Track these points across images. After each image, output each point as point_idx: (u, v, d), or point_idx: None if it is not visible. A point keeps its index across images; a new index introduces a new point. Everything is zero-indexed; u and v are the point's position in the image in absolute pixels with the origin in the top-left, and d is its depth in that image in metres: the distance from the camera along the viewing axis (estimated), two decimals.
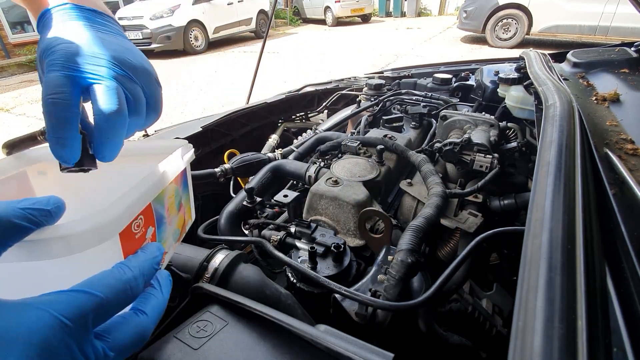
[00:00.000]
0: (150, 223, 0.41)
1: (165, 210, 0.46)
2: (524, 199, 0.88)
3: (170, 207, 0.47)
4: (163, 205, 0.45)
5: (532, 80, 1.02)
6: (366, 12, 13.74)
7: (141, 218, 0.39)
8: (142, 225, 0.39)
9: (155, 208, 0.42)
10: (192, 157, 0.53)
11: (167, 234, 0.47)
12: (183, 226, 0.54)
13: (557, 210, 0.45)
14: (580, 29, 6.63)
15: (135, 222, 0.38)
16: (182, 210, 0.52)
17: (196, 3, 8.79)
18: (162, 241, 0.45)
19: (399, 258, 0.62)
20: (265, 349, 0.45)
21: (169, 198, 0.47)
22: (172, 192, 0.47)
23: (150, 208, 0.41)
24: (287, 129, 1.83)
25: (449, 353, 0.64)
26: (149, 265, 0.34)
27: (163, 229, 0.45)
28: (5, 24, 8.35)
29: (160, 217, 0.44)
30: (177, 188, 0.50)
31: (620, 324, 0.37)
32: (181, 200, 0.51)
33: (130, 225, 0.36)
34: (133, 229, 0.37)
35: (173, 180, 0.47)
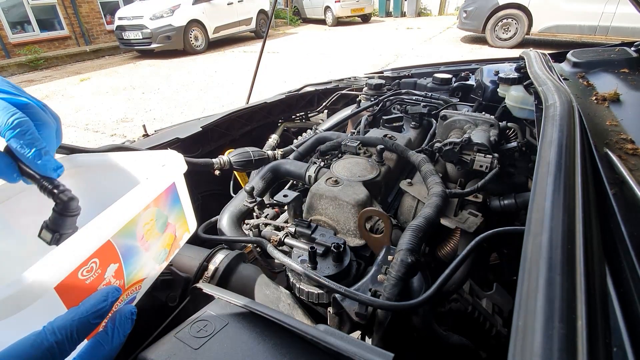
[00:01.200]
0: (111, 261, 0.41)
1: (138, 239, 0.45)
2: (524, 199, 0.88)
3: (147, 232, 0.46)
4: (134, 235, 0.44)
5: (532, 80, 1.02)
6: (366, 12, 13.74)
7: (94, 261, 0.38)
8: (96, 268, 0.38)
9: (119, 243, 0.42)
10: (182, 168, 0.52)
11: (143, 262, 0.46)
12: (174, 243, 0.53)
13: (557, 210, 0.45)
14: (580, 29, 6.63)
15: (85, 268, 0.37)
16: (169, 229, 0.51)
17: (196, 3, 8.79)
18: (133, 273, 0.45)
19: (399, 258, 0.62)
20: (265, 348, 0.45)
21: (144, 225, 0.46)
22: (149, 216, 0.47)
23: (111, 245, 0.40)
24: (287, 129, 1.83)
25: (449, 353, 0.64)
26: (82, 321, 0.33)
27: (135, 259, 0.45)
28: (5, 24, 8.35)
29: (128, 248, 0.43)
30: (159, 209, 0.49)
31: (620, 323, 0.37)
32: (167, 219, 0.50)
33: (74, 274, 0.36)
34: (80, 275, 0.37)
35: (152, 203, 0.46)
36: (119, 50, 9.64)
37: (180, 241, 0.55)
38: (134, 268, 0.45)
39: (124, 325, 0.38)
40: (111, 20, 9.84)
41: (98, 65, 8.43)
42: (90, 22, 10.02)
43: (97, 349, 0.35)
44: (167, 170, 0.49)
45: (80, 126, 4.62)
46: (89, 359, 0.34)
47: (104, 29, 10.34)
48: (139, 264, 0.46)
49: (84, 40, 9.92)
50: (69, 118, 4.95)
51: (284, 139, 1.77)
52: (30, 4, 8.77)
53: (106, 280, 0.40)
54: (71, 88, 6.50)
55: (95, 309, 0.35)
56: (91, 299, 0.36)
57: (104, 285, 0.40)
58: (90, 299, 0.36)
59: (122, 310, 0.39)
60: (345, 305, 0.60)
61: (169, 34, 8.36)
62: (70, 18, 9.51)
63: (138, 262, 0.45)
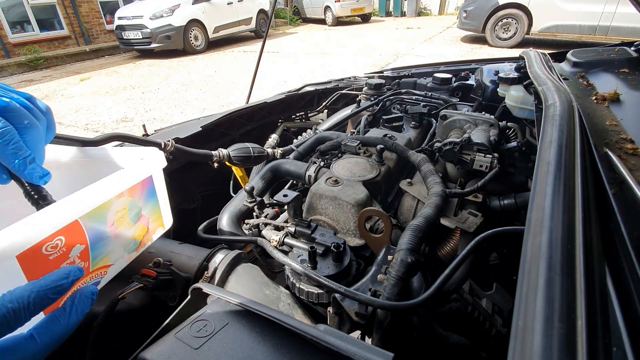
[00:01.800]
0: (77, 241, 0.42)
1: (108, 224, 0.46)
2: (523, 199, 0.88)
3: (119, 220, 0.48)
4: (104, 220, 0.45)
5: (532, 80, 1.02)
6: (366, 12, 13.74)
7: (60, 238, 0.39)
8: (61, 246, 0.40)
9: (88, 225, 0.43)
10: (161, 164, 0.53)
11: (111, 248, 0.47)
12: (146, 235, 0.54)
13: (557, 210, 0.45)
14: (580, 28, 6.63)
15: (50, 243, 0.38)
16: (142, 221, 0.52)
17: (196, 3, 8.79)
18: (100, 257, 0.46)
19: (399, 258, 0.62)
20: (265, 348, 0.45)
21: (116, 212, 0.47)
22: (122, 205, 0.48)
23: (78, 225, 0.42)
24: (287, 129, 1.83)
25: (448, 353, 0.64)
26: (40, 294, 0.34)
27: (103, 244, 0.46)
28: (5, 24, 8.35)
29: (97, 232, 0.44)
30: (133, 200, 0.50)
31: (620, 323, 0.37)
32: (141, 211, 0.52)
33: (38, 248, 0.37)
34: (44, 250, 0.38)
35: (126, 193, 0.48)
36: (118, 50, 9.64)
37: (154, 235, 0.56)
38: (101, 252, 0.46)
39: (82, 304, 0.39)
40: (111, 20, 9.83)
41: (98, 65, 8.43)
42: (90, 21, 10.02)
43: (53, 324, 0.36)
44: (145, 163, 0.51)
45: (80, 126, 4.62)
46: (44, 331, 0.35)
47: (104, 29, 10.33)
48: (107, 249, 0.47)
49: (84, 40, 9.92)
50: (68, 118, 4.95)
51: (284, 139, 1.77)
52: (30, 3, 8.76)
53: (70, 259, 0.41)
54: (71, 88, 6.50)
55: (54, 285, 0.36)
56: (52, 275, 0.37)
57: (68, 264, 0.41)
58: (51, 275, 0.37)
59: (83, 290, 0.40)
60: (345, 305, 0.60)
61: (168, 33, 8.36)
62: (70, 18, 9.51)
63: (106, 247, 0.46)
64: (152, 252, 0.67)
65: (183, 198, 1.38)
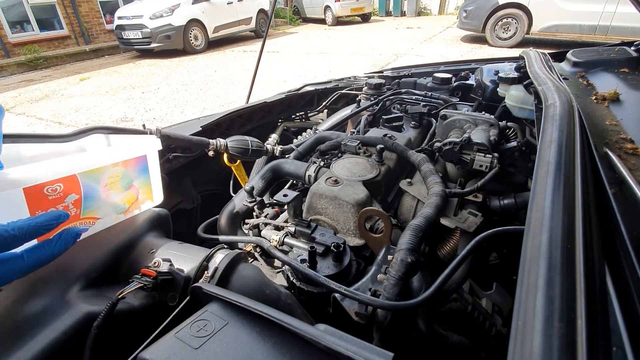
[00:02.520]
0: (72, 191, 0.53)
1: (101, 185, 0.57)
2: (523, 199, 0.88)
3: (111, 184, 0.59)
4: (98, 181, 0.56)
5: (532, 80, 1.02)
6: (366, 12, 13.74)
7: (59, 185, 0.50)
8: (60, 191, 0.51)
9: (84, 181, 0.54)
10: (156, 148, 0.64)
11: (100, 204, 0.59)
12: (134, 203, 0.65)
13: (557, 209, 0.45)
14: (580, 28, 6.63)
15: (50, 187, 0.49)
16: (132, 190, 0.63)
17: (196, 2, 8.78)
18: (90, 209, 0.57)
19: (399, 257, 0.62)
20: (265, 348, 0.45)
21: (109, 177, 0.58)
22: (116, 173, 0.59)
23: (75, 179, 0.52)
24: (286, 129, 1.83)
25: (448, 352, 0.64)
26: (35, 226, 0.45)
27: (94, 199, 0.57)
28: (4, 23, 8.34)
29: (90, 189, 0.55)
30: (126, 171, 0.61)
31: (620, 323, 0.37)
32: (132, 182, 0.63)
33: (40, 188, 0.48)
34: (46, 191, 0.49)
35: (120, 164, 0.59)
36: (118, 50, 9.64)
37: (142, 205, 0.67)
38: (91, 205, 0.57)
39: (66, 240, 0.49)
40: (111, 20, 9.83)
41: (98, 65, 8.43)
42: (89, 21, 10.02)
43: (40, 250, 0.47)
44: (140, 144, 0.62)
45: (80, 126, 4.62)
46: (32, 254, 0.46)
47: (104, 29, 10.33)
48: (97, 204, 0.57)
49: (84, 40, 9.92)
50: (68, 118, 4.94)
51: (284, 139, 1.77)
52: (29, 3, 8.76)
53: (65, 203, 0.52)
54: (71, 88, 6.50)
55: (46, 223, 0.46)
56: (46, 215, 0.47)
57: (62, 207, 0.52)
58: (46, 214, 0.47)
59: (70, 230, 0.50)
60: (345, 305, 0.60)
61: (168, 33, 8.35)
62: (69, 17, 9.50)
63: (96, 203, 0.57)
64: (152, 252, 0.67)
65: (183, 198, 1.38)
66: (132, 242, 0.68)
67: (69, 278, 0.59)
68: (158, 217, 0.76)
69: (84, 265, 0.61)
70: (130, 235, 0.69)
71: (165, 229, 0.78)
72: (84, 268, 0.61)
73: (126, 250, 0.67)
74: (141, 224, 0.72)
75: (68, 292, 0.57)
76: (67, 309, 0.54)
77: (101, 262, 0.63)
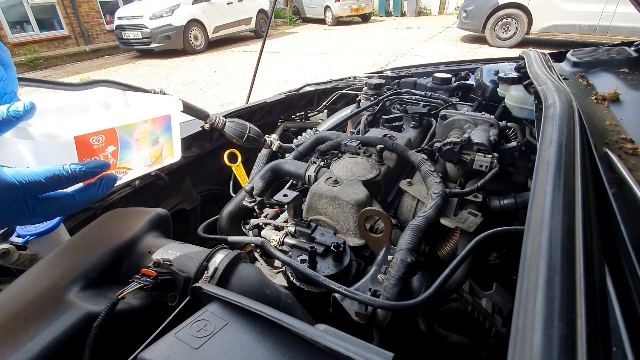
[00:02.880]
0: (111, 142, 0.59)
1: (133, 139, 0.64)
2: (523, 199, 0.88)
3: (141, 139, 0.65)
4: (132, 135, 0.63)
5: (532, 80, 1.02)
6: (366, 12, 13.73)
7: (102, 136, 0.57)
8: (102, 141, 0.57)
9: (120, 134, 0.60)
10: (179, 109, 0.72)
11: (132, 156, 0.65)
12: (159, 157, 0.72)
13: (557, 209, 0.45)
14: (580, 28, 6.63)
15: (95, 137, 0.56)
16: (157, 146, 0.70)
17: (196, 2, 8.78)
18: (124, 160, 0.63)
19: (399, 257, 0.62)
20: (265, 348, 0.45)
21: (140, 132, 0.64)
22: (146, 129, 0.66)
23: (114, 132, 0.59)
24: (286, 129, 1.83)
25: (448, 352, 0.64)
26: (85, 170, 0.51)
27: (128, 151, 0.63)
28: (4, 24, 8.34)
29: (125, 142, 0.62)
30: (153, 128, 0.67)
31: (620, 323, 0.37)
32: (158, 138, 0.70)
33: (87, 137, 0.55)
34: (91, 141, 0.56)
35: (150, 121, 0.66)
36: (118, 50, 9.63)
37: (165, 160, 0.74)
38: (125, 156, 0.63)
39: (107, 184, 0.56)
40: (111, 20, 9.83)
41: (98, 65, 8.43)
42: (89, 21, 10.01)
43: (87, 191, 0.53)
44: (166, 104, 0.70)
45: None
46: (81, 194, 0.52)
47: (104, 29, 10.32)
48: (130, 156, 0.64)
49: (84, 40, 9.92)
50: None
51: (284, 139, 1.77)
52: (29, 3, 8.76)
53: (105, 153, 0.59)
54: None
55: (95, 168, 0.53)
56: (93, 162, 0.54)
57: (103, 156, 0.58)
58: (93, 162, 0.54)
59: (109, 175, 0.57)
60: (345, 305, 0.60)
61: (168, 33, 8.35)
62: (69, 18, 9.50)
63: (129, 154, 0.64)
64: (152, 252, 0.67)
65: (183, 198, 1.38)
66: (132, 242, 0.68)
67: (69, 278, 0.59)
68: (158, 217, 0.76)
69: (84, 265, 0.61)
70: (130, 235, 0.69)
71: (165, 229, 0.78)
72: (84, 268, 0.61)
73: (126, 250, 0.67)
74: (141, 224, 0.72)
75: (68, 292, 0.57)
76: (67, 309, 0.54)
77: (101, 262, 0.63)
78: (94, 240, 0.66)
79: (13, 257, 0.80)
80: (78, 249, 0.65)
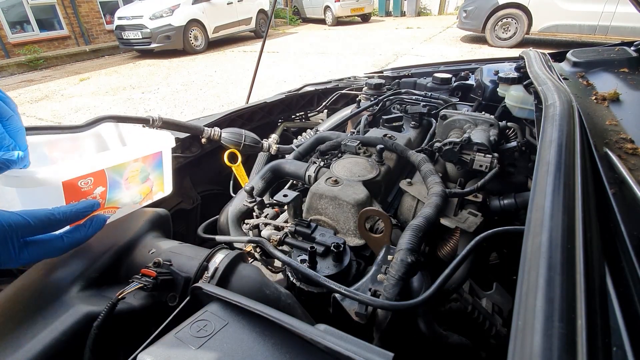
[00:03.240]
0: (100, 184, 0.60)
1: (123, 179, 0.64)
2: (523, 199, 0.88)
3: (131, 177, 0.66)
4: (122, 174, 0.63)
5: (532, 80, 1.02)
6: (366, 12, 13.74)
7: (90, 178, 0.58)
8: (90, 184, 0.58)
9: (110, 175, 0.61)
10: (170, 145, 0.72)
11: (122, 195, 0.66)
12: (148, 194, 0.72)
13: (557, 209, 0.45)
14: (580, 28, 6.63)
15: (84, 180, 0.57)
16: (148, 183, 0.71)
17: (196, 3, 8.78)
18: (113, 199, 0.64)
19: (399, 257, 0.62)
20: (265, 348, 0.45)
21: (131, 171, 0.65)
22: (136, 167, 0.66)
23: (103, 173, 0.60)
24: (286, 129, 1.83)
25: (448, 353, 0.64)
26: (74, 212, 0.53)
27: (117, 191, 0.64)
28: (4, 24, 8.34)
29: (114, 182, 0.62)
30: (144, 166, 0.67)
31: (620, 323, 0.37)
32: (149, 175, 0.70)
33: (75, 181, 0.56)
34: (79, 184, 0.57)
35: (140, 159, 0.66)
36: (118, 50, 9.64)
37: (155, 195, 0.75)
38: (114, 196, 0.64)
39: (97, 224, 0.57)
40: (111, 20, 9.83)
41: (98, 65, 8.43)
42: (89, 21, 10.02)
43: (75, 232, 0.54)
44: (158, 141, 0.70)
45: None
46: (70, 236, 0.53)
47: (104, 29, 10.33)
48: (119, 195, 0.65)
49: (84, 40, 9.92)
50: (68, 118, 4.94)
51: (284, 139, 1.77)
52: (29, 3, 8.76)
53: (94, 195, 0.60)
54: (71, 88, 6.50)
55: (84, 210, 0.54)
56: (83, 203, 0.55)
57: (92, 197, 0.59)
58: (82, 202, 0.55)
59: (99, 216, 0.58)
60: (345, 305, 0.60)
61: (168, 33, 8.35)
62: (69, 18, 9.51)
63: (118, 194, 0.64)
64: (152, 252, 0.67)
65: (183, 198, 1.38)
66: (132, 242, 0.68)
67: (69, 278, 0.59)
68: (158, 217, 0.76)
69: (84, 265, 0.61)
70: (131, 235, 0.69)
71: (165, 229, 0.78)
72: (84, 268, 0.61)
73: (126, 251, 0.67)
74: (141, 224, 0.72)
75: (68, 292, 0.57)
76: (67, 309, 0.54)
77: (101, 262, 0.63)
78: (94, 240, 0.66)
79: None
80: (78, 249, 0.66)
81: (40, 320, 0.52)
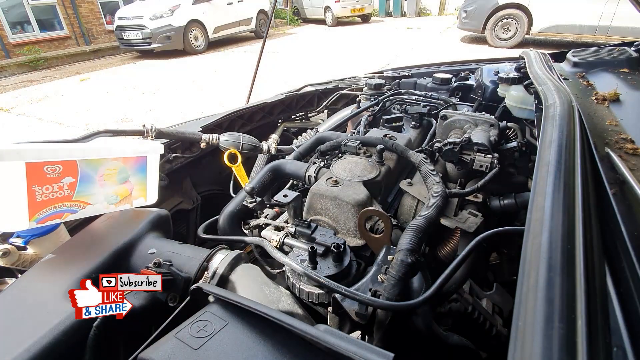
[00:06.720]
0: (70, 174, 0.59)
1: (97, 175, 0.63)
2: (523, 199, 0.88)
3: (107, 176, 0.65)
4: (96, 170, 0.62)
5: (532, 80, 1.02)
6: (366, 12, 13.73)
7: (59, 166, 0.56)
8: (58, 172, 0.57)
9: (83, 167, 0.59)
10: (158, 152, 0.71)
11: (94, 191, 0.64)
12: (127, 197, 0.71)
13: (557, 210, 0.45)
14: (580, 28, 6.63)
15: (51, 166, 0.55)
16: (127, 185, 0.70)
17: (196, 3, 8.78)
18: (83, 193, 0.62)
19: (399, 258, 0.62)
20: (265, 348, 0.45)
21: (107, 169, 0.64)
22: (114, 166, 0.66)
23: (75, 164, 0.58)
24: (287, 129, 1.83)
25: (449, 353, 0.64)
26: None
27: (89, 185, 0.63)
28: (5, 24, 8.34)
29: (87, 175, 0.61)
30: (124, 167, 0.67)
31: (620, 323, 0.37)
32: (129, 177, 0.69)
33: (41, 165, 0.54)
34: (46, 169, 0.54)
35: (120, 159, 0.65)
36: (119, 50, 9.63)
37: (135, 201, 0.73)
38: (85, 190, 0.63)
39: None
40: (111, 21, 9.83)
41: (98, 65, 8.43)
42: (90, 22, 10.02)
43: None
44: (142, 146, 0.69)
45: (81, 126, 4.62)
46: None
47: (104, 29, 10.33)
48: (92, 191, 0.64)
49: (84, 40, 9.92)
50: (69, 118, 4.95)
51: (284, 139, 1.77)
52: (30, 4, 8.76)
53: (61, 184, 0.58)
54: (71, 88, 6.50)
55: None
56: None
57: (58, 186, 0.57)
58: None
59: None
60: (345, 305, 0.60)
61: (168, 34, 8.35)
62: (70, 18, 9.51)
63: (91, 189, 0.63)
64: (152, 253, 0.67)
65: (183, 198, 1.38)
66: (132, 242, 0.68)
67: (69, 278, 0.59)
68: (158, 217, 0.76)
69: (84, 265, 0.61)
70: (131, 235, 0.69)
71: (165, 230, 0.78)
72: (84, 268, 0.61)
73: (127, 251, 0.67)
74: (141, 224, 0.72)
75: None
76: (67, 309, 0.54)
77: (102, 262, 0.63)
78: (95, 241, 0.66)
79: (14, 258, 0.80)
80: (78, 249, 0.66)
81: (40, 320, 0.51)
